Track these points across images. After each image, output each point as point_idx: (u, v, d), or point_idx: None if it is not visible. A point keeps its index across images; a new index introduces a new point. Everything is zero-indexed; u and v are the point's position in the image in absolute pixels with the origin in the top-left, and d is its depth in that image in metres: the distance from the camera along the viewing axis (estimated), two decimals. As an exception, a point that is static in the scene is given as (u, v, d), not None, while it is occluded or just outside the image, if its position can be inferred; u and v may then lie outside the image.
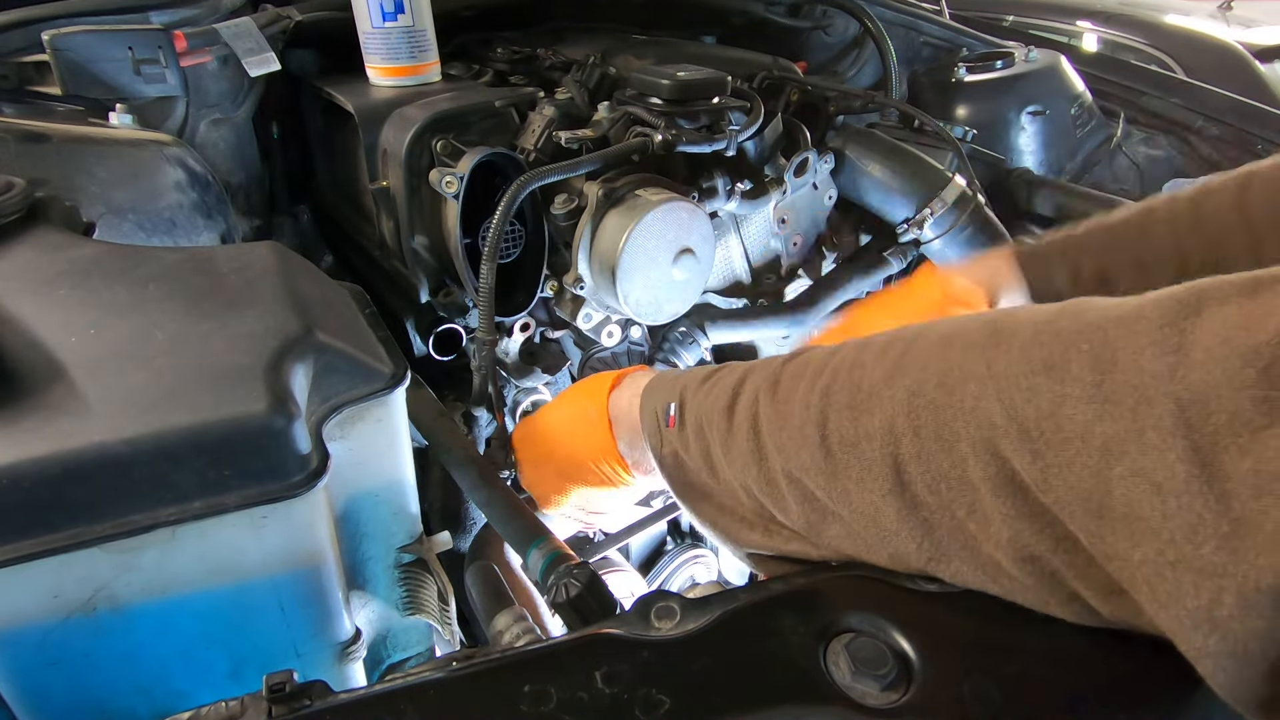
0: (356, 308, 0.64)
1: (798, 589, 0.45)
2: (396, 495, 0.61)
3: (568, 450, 0.70)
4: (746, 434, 0.50)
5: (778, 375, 0.50)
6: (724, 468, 0.52)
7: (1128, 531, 0.32)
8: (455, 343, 0.98)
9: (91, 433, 0.42)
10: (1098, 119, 1.50)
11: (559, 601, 0.55)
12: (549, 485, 0.73)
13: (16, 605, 0.44)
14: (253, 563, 0.48)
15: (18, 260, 0.58)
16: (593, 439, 0.66)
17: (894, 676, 0.38)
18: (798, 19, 1.50)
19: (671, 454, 0.57)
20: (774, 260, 1.14)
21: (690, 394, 0.57)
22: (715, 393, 0.54)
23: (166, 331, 0.50)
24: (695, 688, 0.38)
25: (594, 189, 0.90)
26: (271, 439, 0.45)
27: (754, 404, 0.50)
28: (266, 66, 1.00)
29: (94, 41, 0.93)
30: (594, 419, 0.67)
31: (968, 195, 1.05)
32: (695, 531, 1.22)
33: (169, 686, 0.51)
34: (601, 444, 0.66)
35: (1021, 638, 0.40)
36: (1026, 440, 0.35)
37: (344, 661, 0.57)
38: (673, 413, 0.57)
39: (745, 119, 0.98)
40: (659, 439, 0.58)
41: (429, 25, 1.03)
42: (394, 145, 0.91)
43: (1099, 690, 0.38)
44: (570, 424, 0.70)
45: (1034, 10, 2.55)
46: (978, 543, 0.39)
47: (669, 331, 1.07)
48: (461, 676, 0.40)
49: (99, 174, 0.79)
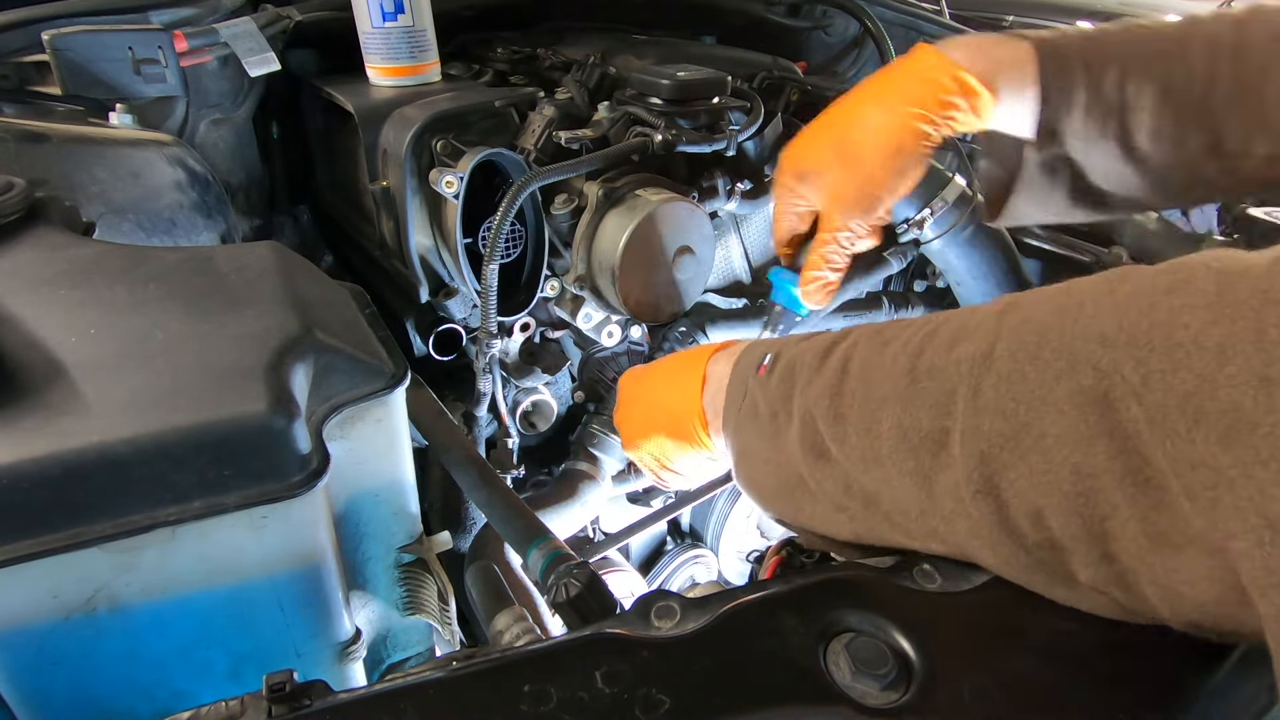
0: (356, 308, 0.64)
1: (798, 589, 0.44)
2: (396, 495, 0.61)
3: (658, 396, 0.70)
4: (835, 370, 0.49)
5: (886, 326, 0.50)
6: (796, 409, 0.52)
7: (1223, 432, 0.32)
8: (455, 343, 0.98)
9: (91, 433, 0.42)
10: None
11: (559, 601, 0.56)
12: (634, 426, 0.73)
13: (16, 605, 0.44)
14: (252, 563, 0.48)
15: (18, 260, 0.58)
16: (682, 390, 0.67)
17: (894, 676, 0.38)
18: (798, 19, 1.50)
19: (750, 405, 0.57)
20: (774, 260, 1.14)
21: (790, 346, 0.57)
22: (816, 341, 0.54)
23: (166, 331, 0.50)
24: (695, 688, 0.38)
25: (594, 189, 0.90)
26: (272, 439, 0.45)
27: (853, 346, 0.50)
28: (266, 66, 1.00)
29: (94, 41, 0.93)
30: (689, 372, 0.67)
31: (968, 195, 1.05)
32: (695, 532, 1.22)
33: (169, 686, 0.51)
34: (688, 395, 0.66)
35: (1022, 638, 0.40)
36: (1133, 348, 0.35)
37: (344, 661, 0.57)
38: (766, 361, 0.57)
39: (745, 119, 0.98)
40: (742, 390, 0.58)
41: (429, 25, 1.03)
42: (394, 145, 0.91)
43: (1099, 690, 0.38)
44: (668, 373, 0.71)
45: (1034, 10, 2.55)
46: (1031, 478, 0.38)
47: (669, 331, 1.07)
48: (461, 676, 0.40)
49: (99, 174, 0.79)
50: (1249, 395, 0.31)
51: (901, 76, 0.74)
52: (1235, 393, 0.31)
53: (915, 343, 0.46)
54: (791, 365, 0.54)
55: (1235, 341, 0.32)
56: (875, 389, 0.46)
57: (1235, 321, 0.32)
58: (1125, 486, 0.35)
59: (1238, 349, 0.32)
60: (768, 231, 1.11)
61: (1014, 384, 0.39)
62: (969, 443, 0.41)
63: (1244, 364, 0.31)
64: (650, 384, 0.73)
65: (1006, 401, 0.39)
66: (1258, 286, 0.32)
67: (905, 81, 0.73)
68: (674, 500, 1.10)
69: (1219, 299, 0.33)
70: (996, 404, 0.40)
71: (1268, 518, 0.30)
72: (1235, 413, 0.31)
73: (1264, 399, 0.31)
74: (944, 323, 0.46)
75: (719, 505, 1.16)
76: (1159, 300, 0.35)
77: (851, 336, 0.52)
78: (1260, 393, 0.31)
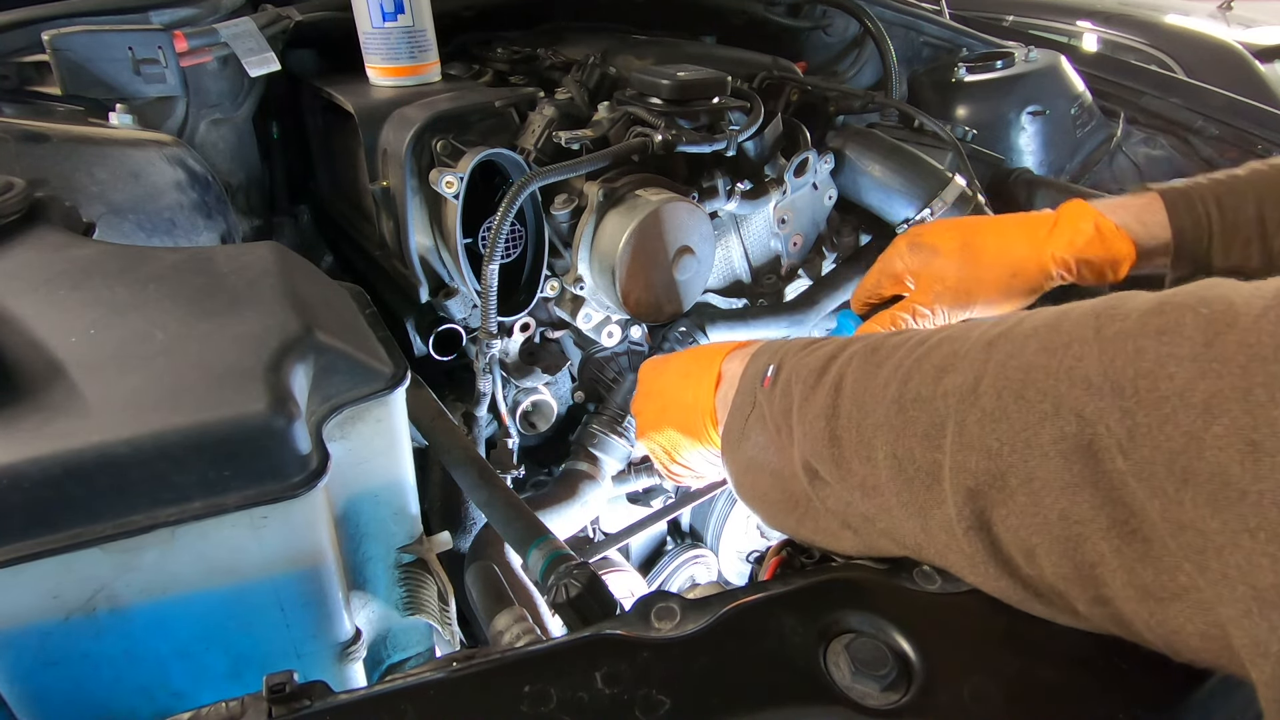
0: (356, 308, 0.64)
1: (798, 589, 0.45)
2: (396, 495, 0.61)
3: (673, 390, 0.71)
4: (829, 390, 0.49)
5: (881, 342, 0.50)
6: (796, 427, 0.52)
7: (1210, 496, 0.31)
8: (455, 343, 0.98)
9: (91, 433, 0.42)
10: (1098, 119, 1.50)
11: (559, 601, 0.56)
12: (649, 416, 0.74)
13: (16, 605, 0.44)
14: (252, 563, 0.48)
15: (18, 260, 0.58)
16: (696, 386, 0.68)
17: (894, 677, 0.38)
18: (798, 19, 1.50)
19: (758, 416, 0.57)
20: (774, 260, 1.14)
21: (790, 356, 0.57)
22: (815, 354, 0.54)
23: (166, 332, 0.50)
24: (695, 688, 0.38)
25: (594, 189, 0.90)
26: (271, 439, 0.45)
27: (847, 364, 0.50)
28: (266, 66, 1.00)
29: (94, 41, 0.93)
30: (704, 369, 0.68)
31: (968, 195, 1.05)
32: (695, 532, 1.22)
33: (169, 686, 0.51)
34: (701, 392, 0.67)
35: (1022, 638, 0.40)
36: (1119, 398, 0.34)
37: (344, 662, 0.57)
38: (770, 373, 0.57)
39: (745, 119, 0.98)
40: (751, 399, 0.59)
41: (429, 25, 1.03)
42: (394, 145, 0.91)
43: (1099, 690, 0.38)
44: (685, 368, 0.72)
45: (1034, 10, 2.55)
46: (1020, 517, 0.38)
47: (669, 331, 1.07)
48: (461, 676, 0.40)
49: (99, 174, 0.79)
50: (1236, 460, 0.30)
51: (1052, 218, 0.79)
52: (1223, 455, 0.31)
53: (905, 367, 0.45)
54: (789, 380, 0.54)
55: (1221, 400, 0.31)
56: (869, 415, 0.46)
57: (1222, 377, 0.31)
58: (1111, 538, 0.35)
59: (1224, 408, 0.31)
60: (768, 231, 1.11)
61: (998, 423, 0.39)
62: (957, 478, 0.40)
63: (1231, 424, 0.31)
64: (668, 377, 0.74)
65: (991, 440, 0.39)
66: (1245, 340, 0.32)
67: (1055, 223, 0.78)
68: (674, 500, 1.10)
69: (1206, 350, 0.32)
70: (981, 442, 0.39)
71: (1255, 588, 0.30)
72: (1223, 477, 0.31)
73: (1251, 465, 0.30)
74: (935, 346, 0.45)
75: (719, 505, 1.16)
76: (1146, 345, 0.34)
77: (847, 352, 0.51)
78: (1248, 458, 0.30)
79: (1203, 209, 0.73)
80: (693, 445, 0.69)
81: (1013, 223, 0.81)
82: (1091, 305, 0.39)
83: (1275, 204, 0.71)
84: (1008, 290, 0.79)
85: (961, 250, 0.80)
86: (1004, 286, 0.78)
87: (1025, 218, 0.82)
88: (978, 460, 0.39)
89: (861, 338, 0.53)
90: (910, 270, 0.82)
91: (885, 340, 0.50)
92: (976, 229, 0.82)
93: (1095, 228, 0.75)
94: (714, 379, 0.67)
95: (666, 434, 0.71)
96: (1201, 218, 0.73)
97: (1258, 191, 0.72)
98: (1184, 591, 0.33)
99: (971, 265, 0.79)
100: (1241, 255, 0.72)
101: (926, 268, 0.81)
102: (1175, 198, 0.74)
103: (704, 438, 0.67)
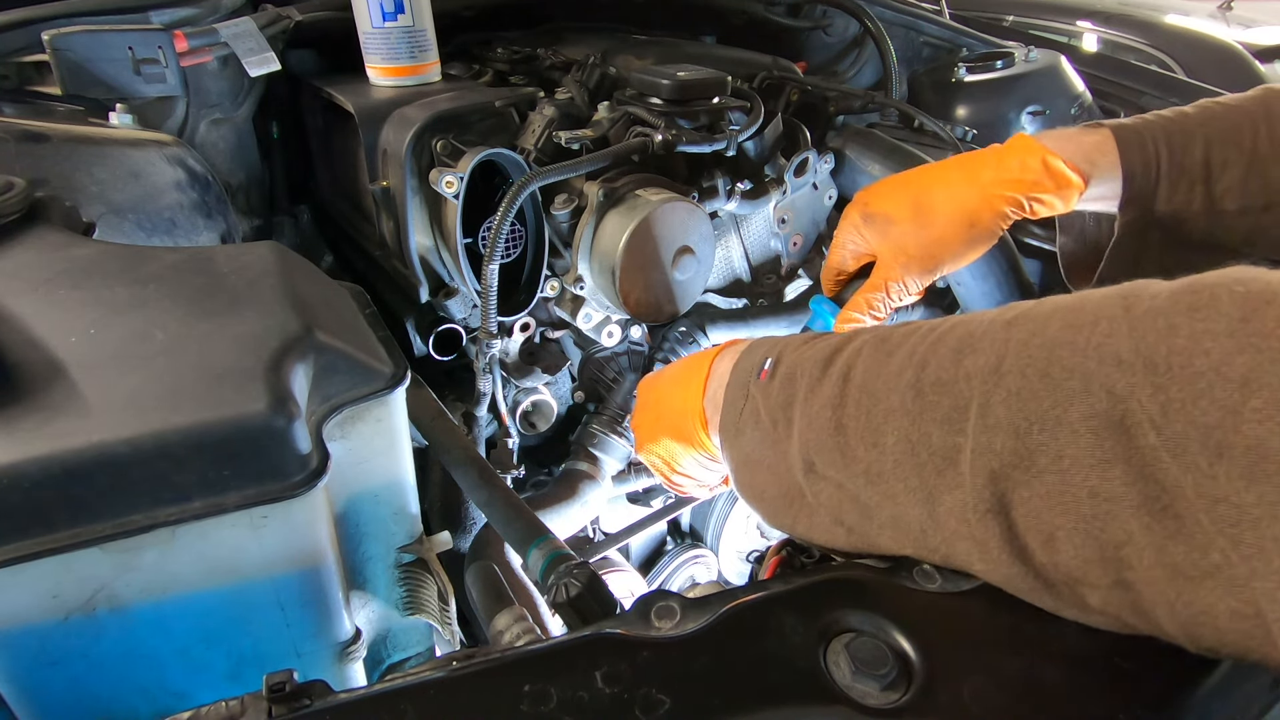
0: (356, 308, 0.64)
1: (798, 589, 0.44)
2: (396, 495, 0.61)
3: (664, 398, 0.71)
4: (837, 380, 0.49)
5: (890, 333, 0.49)
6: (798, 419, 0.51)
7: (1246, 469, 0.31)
8: (455, 343, 0.98)
9: (91, 433, 0.42)
10: (1098, 119, 1.50)
11: (559, 601, 0.55)
12: (646, 429, 0.74)
13: (16, 605, 0.44)
14: (252, 563, 0.48)
15: (18, 260, 0.58)
16: (685, 390, 0.67)
17: (894, 676, 0.38)
18: (798, 19, 1.50)
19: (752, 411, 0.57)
20: (774, 260, 1.14)
21: (791, 349, 0.56)
22: (818, 346, 0.54)
23: (166, 331, 0.50)
24: (695, 688, 0.38)
25: (594, 189, 0.90)
26: (271, 439, 0.45)
27: (856, 355, 0.49)
28: (266, 66, 1.00)
29: (94, 41, 0.93)
30: (693, 372, 0.67)
31: (968, 195, 1.05)
32: (695, 532, 1.22)
33: (169, 686, 0.51)
34: (690, 395, 0.66)
35: (1022, 637, 0.40)
36: (1151, 373, 0.34)
37: (344, 661, 0.57)
38: (767, 366, 0.56)
39: (745, 119, 0.98)
40: (744, 394, 0.58)
41: (429, 25, 1.03)
42: (394, 145, 0.91)
43: (1099, 690, 0.38)
44: (675, 374, 0.72)
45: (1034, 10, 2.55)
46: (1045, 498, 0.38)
47: (669, 331, 1.07)
48: (461, 676, 0.40)
49: (99, 174, 0.79)
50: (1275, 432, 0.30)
51: (995, 157, 0.77)
52: (1261, 429, 0.31)
53: (920, 353, 0.45)
54: (792, 372, 0.54)
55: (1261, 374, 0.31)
56: (880, 401, 0.46)
57: (1261, 351, 0.31)
58: (1141, 515, 0.35)
59: (1264, 381, 0.31)
60: (768, 231, 1.11)
61: (1025, 401, 0.38)
62: (979, 460, 0.40)
63: (1270, 398, 0.31)
64: (662, 387, 0.73)
65: (1019, 420, 0.38)
66: None
67: (999, 162, 0.77)
68: (674, 500, 1.10)
69: (1243, 326, 0.32)
70: (1009, 421, 0.39)
71: None
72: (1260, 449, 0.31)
73: None
74: (948, 331, 0.45)
75: (719, 505, 1.16)
76: (1178, 322, 0.34)
77: (854, 344, 0.51)
78: None
79: (1153, 149, 0.72)
80: (687, 451, 0.69)
81: (956, 167, 0.79)
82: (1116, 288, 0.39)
83: (1222, 146, 0.71)
84: (969, 241, 0.77)
85: (915, 214, 0.78)
86: (965, 239, 0.77)
87: (967, 158, 0.80)
88: (1004, 440, 0.39)
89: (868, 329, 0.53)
90: (870, 244, 0.81)
91: (894, 330, 0.50)
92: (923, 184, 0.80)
93: (1043, 164, 0.74)
94: (703, 381, 0.66)
95: (663, 444, 0.71)
96: (1151, 159, 0.72)
97: (1206, 133, 0.72)
98: (1215, 569, 0.33)
99: (929, 227, 0.78)
100: (1185, 198, 0.72)
101: (885, 240, 0.79)
102: (1128, 136, 0.73)
103: (696, 441, 0.67)
